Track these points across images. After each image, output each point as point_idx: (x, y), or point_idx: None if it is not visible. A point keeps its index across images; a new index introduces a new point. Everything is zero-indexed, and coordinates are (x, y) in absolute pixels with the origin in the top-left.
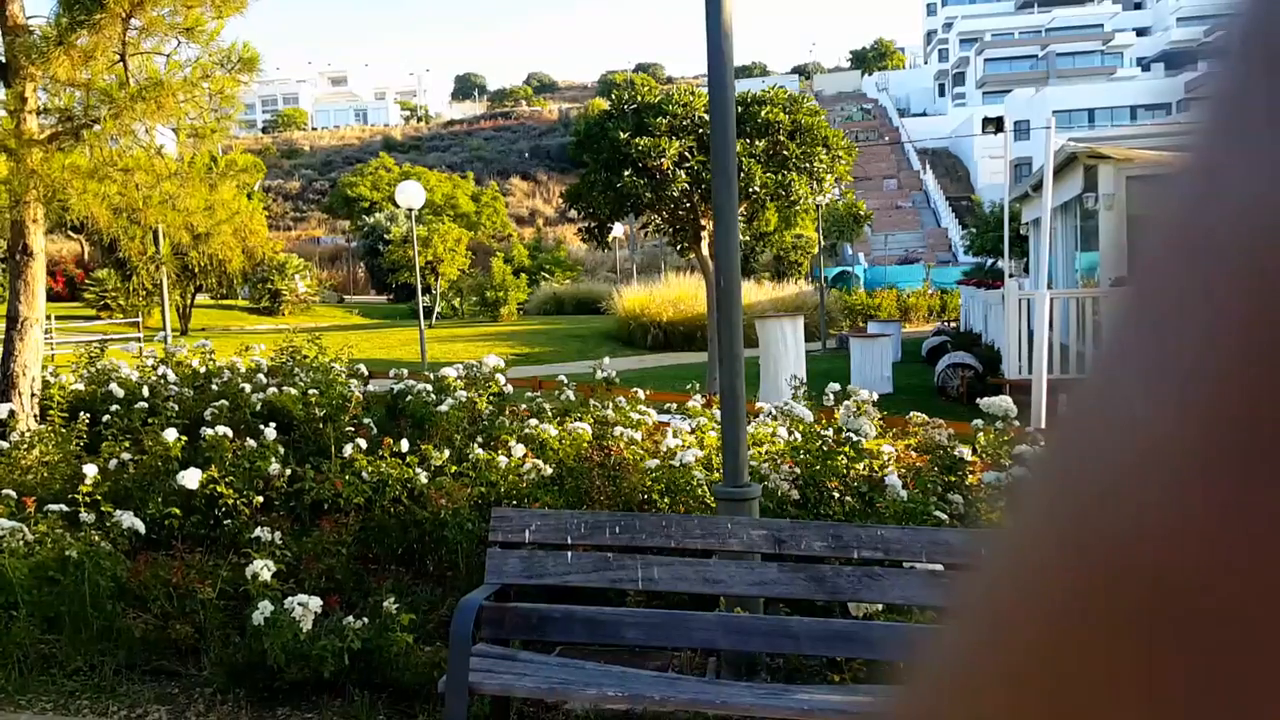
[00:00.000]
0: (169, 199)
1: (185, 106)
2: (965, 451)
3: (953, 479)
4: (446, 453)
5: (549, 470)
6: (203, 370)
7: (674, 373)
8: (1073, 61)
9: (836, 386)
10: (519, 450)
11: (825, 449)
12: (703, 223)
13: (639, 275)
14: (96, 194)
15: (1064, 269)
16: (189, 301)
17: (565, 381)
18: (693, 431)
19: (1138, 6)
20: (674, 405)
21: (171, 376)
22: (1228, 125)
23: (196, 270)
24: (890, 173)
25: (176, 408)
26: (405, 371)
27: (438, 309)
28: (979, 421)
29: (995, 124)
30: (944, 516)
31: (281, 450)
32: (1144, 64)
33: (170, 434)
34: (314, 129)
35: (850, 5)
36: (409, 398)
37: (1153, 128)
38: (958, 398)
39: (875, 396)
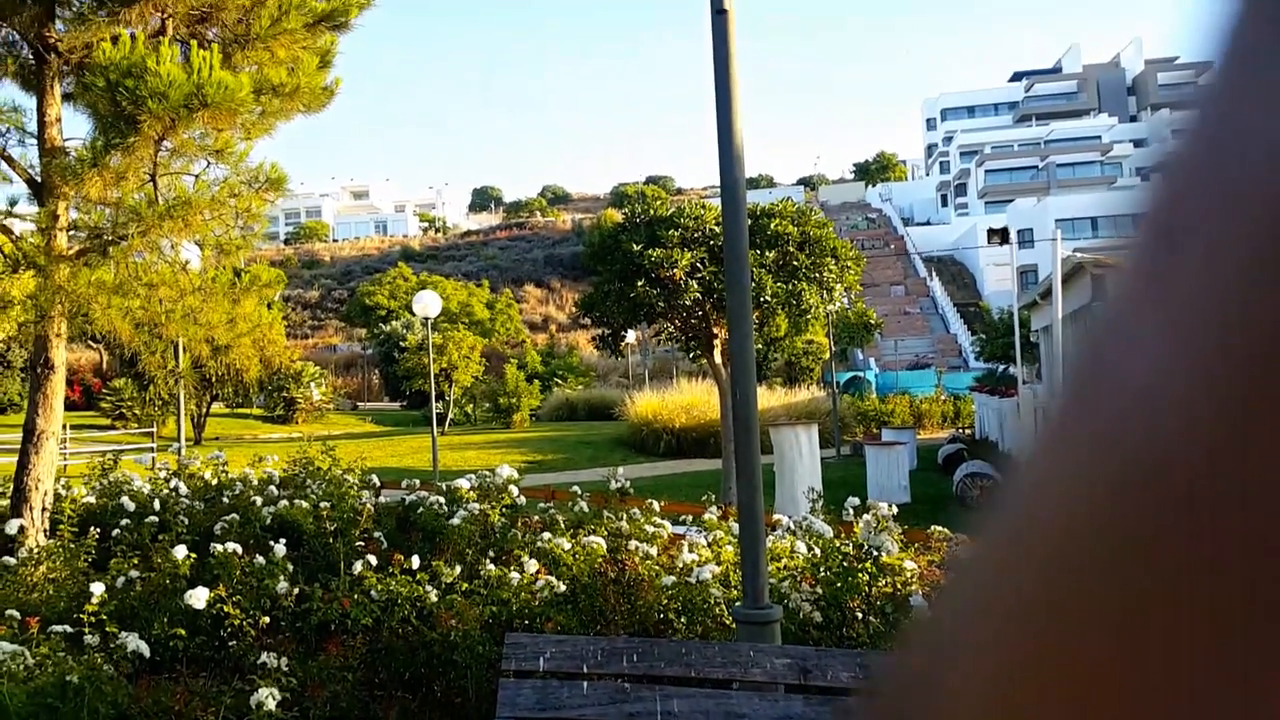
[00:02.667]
0: (191, 313)
1: (212, 224)
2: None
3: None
4: (458, 569)
5: (562, 587)
6: (215, 482)
7: (688, 480)
8: (1073, 171)
9: (856, 500)
10: (532, 566)
11: (846, 566)
12: (715, 330)
13: (651, 381)
14: (120, 309)
15: None
16: (204, 410)
17: (579, 492)
18: (709, 545)
19: (1133, 119)
20: (689, 517)
21: (184, 489)
22: (1240, 68)
23: (213, 380)
24: (897, 279)
25: (187, 521)
26: (417, 482)
27: (451, 415)
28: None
29: (1000, 235)
30: None
31: (290, 568)
32: (1143, 173)
33: (180, 551)
34: (335, 240)
35: (852, 120)
36: (420, 510)
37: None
38: (978, 507)
39: (894, 509)
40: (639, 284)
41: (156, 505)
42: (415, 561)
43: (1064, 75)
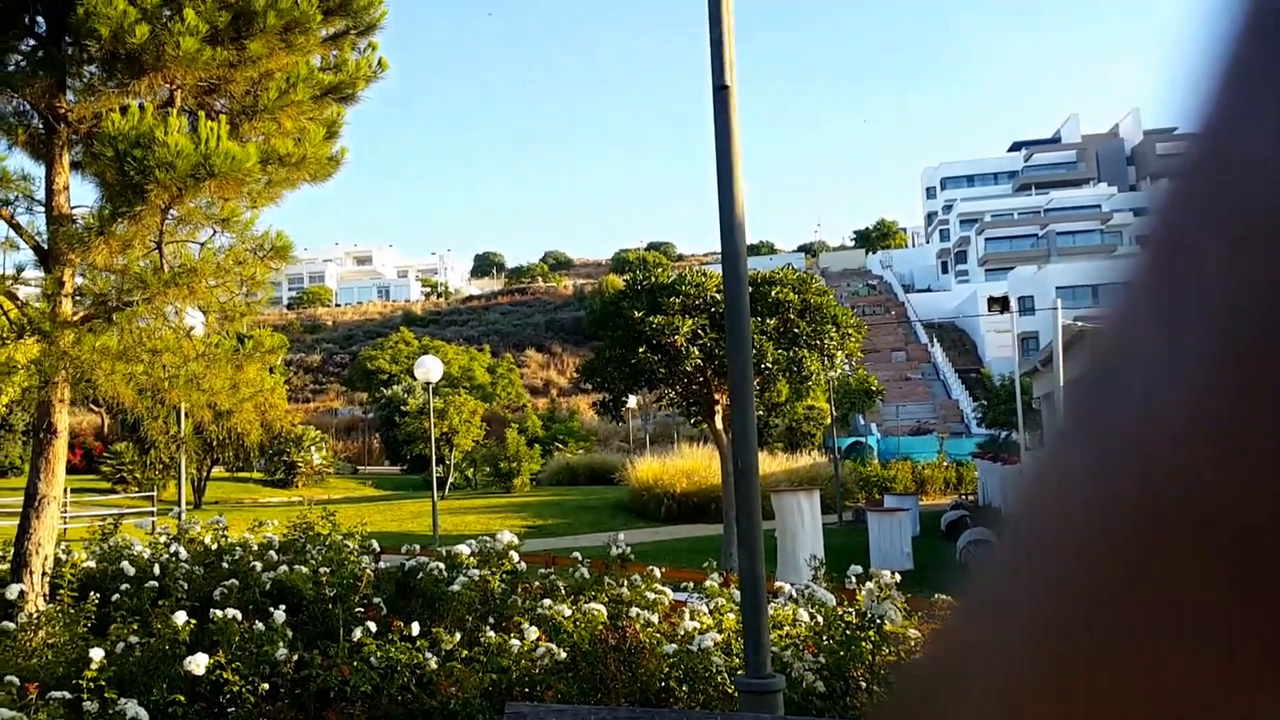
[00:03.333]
0: (194, 379)
1: (217, 291)
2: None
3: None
4: (458, 635)
5: (563, 655)
6: (215, 547)
7: (689, 545)
8: (1073, 240)
9: (859, 568)
10: (532, 633)
11: (849, 634)
12: (716, 397)
13: (652, 445)
14: (124, 374)
15: None
16: (205, 474)
17: (579, 558)
18: (711, 613)
19: (1133, 189)
20: (691, 584)
21: (183, 554)
22: (1237, 92)
23: (214, 444)
24: (898, 345)
25: (186, 587)
26: (417, 547)
27: (451, 479)
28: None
29: (1001, 303)
30: None
31: (290, 634)
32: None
33: (180, 617)
34: (338, 305)
35: (853, 188)
36: (420, 575)
37: None
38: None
39: (897, 577)
40: (640, 350)
41: (156, 570)
42: (415, 628)
43: (1063, 145)
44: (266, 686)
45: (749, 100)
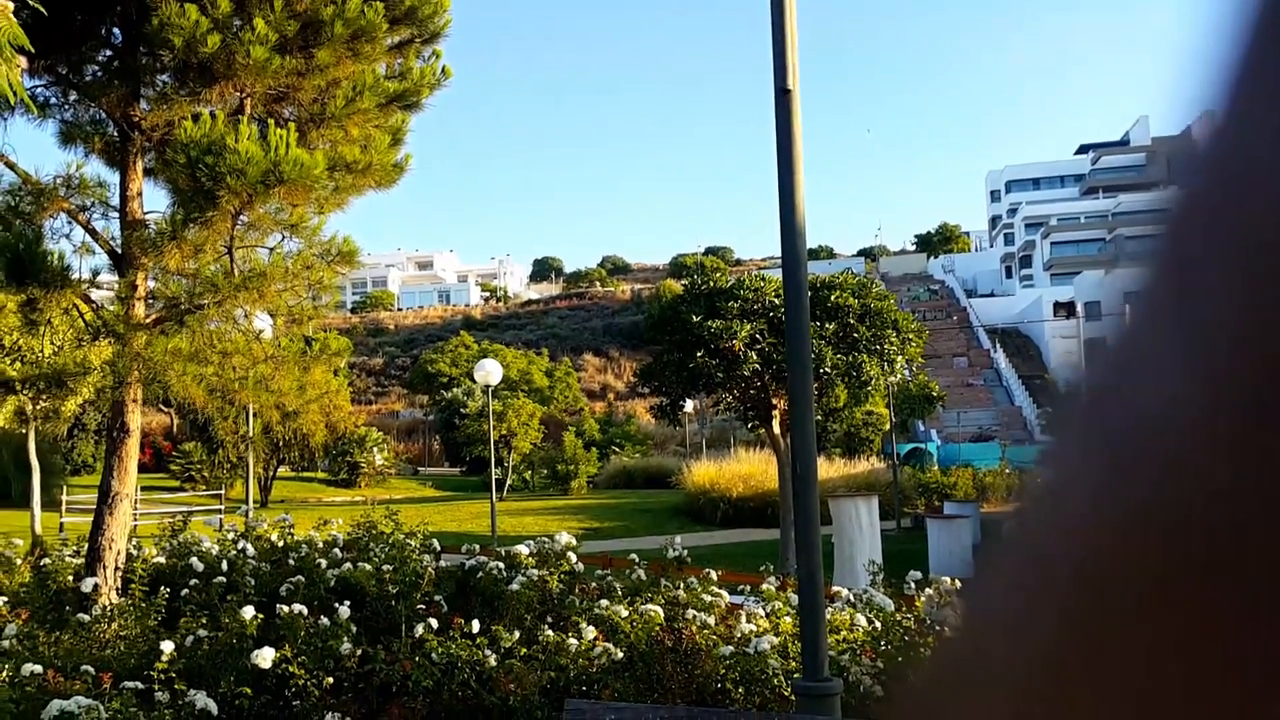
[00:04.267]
0: (263, 380)
1: (285, 295)
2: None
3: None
4: (516, 634)
5: (620, 655)
6: (281, 544)
7: (745, 550)
8: (1142, 245)
9: (918, 575)
10: (590, 633)
11: (907, 640)
12: (774, 401)
13: (708, 449)
14: (195, 375)
15: None
16: (271, 473)
17: (637, 560)
18: (768, 616)
19: None
20: (747, 587)
21: (250, 550)
22: (1245, 103)
23: (281, 444)
24: (960, 351)
25: (254, 582)
26: (477, 547)
27: (510, 481)
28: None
29: (1066, 308)
30: None
31: (354, 629)
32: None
33: (248, 611)
34: (399, 309)
35: (914, 192)
36: (480, 575)
37: None
38: None
39: (958, 584)
40: (698, 355)
41: (224, 566)
42: (475, 625)
43: (1132, 148)
44: (331, 680)
45: (809, 102)
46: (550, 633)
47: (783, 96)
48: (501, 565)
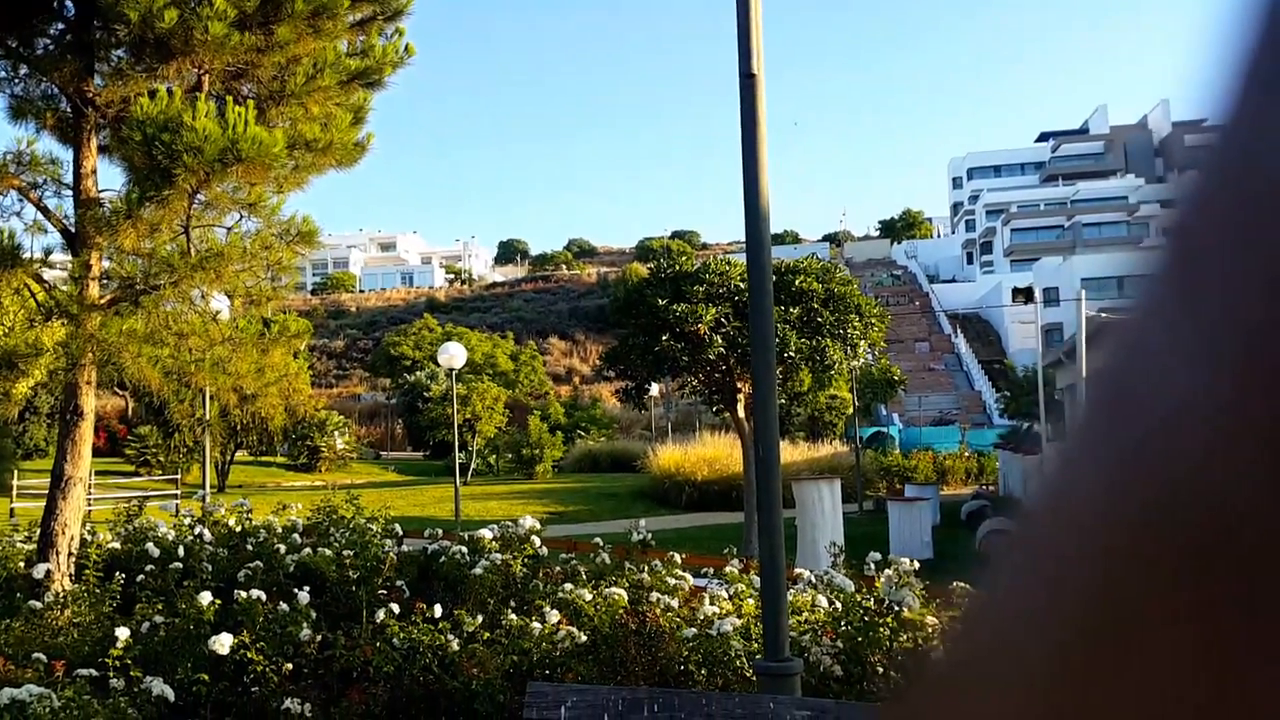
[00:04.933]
0: (220, 362)
1: (243, 275)
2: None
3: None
4: (479, 618)
5: (584, 638)
6: (239, 529)
7: (710, 532)
8: (1099, 231)
9: (878, 556)
10: (553, 616)
11: (867, 620)
12: (739, 385)
13: (673, 433)
14: (150, 357)
15: None
16: (228, 458)
17: (601, 544)
18: (731, 598)
19: (1160, 180)
20: (711, 570)
21: (208, 536)
22: (1255, 97)
23: (238, 428)
24: (922, 336)
25: (210, 568)
26: (440, 531)
27: (474, 466)
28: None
29: (1025, 294)
30: None
31: (313, 615)
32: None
33: (205, 597)
34: (361, 291)
35: (878, 178)
36: (443, 559)
37: None
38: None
39: (916, 565)
40: (664, 338)
41: (180, 552)
42: (438, 610)
43: (1091, 136)
44: (290, 666)
45: (773, 87)
46: (514, 617)
47: (747, 80)
48: (465, 550)
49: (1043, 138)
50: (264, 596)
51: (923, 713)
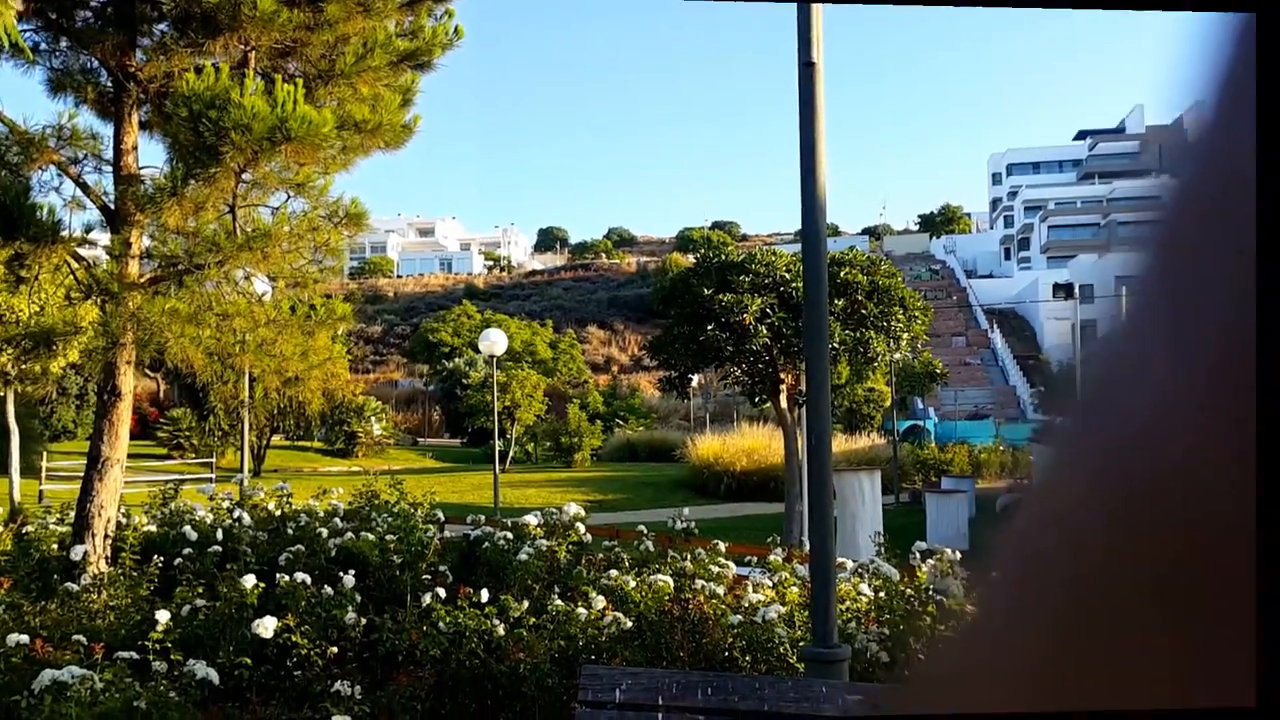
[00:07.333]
0: (265, 344)
1: (290, 256)
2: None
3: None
4: (525, 603)
5: (629, 624)
6: (279, 513)
7: (748, 522)
8: (1137, 233)
9: (923, 545)
10: (599, 602)
11: (909, 609)
12: (781, 376)
13: (711, 424)
14: (193, 338)
15: None
16: (265, 442)
17: (644, 531)
18: (774, 586)
19: None
20: (753, 559)
21: (247, 519)
22: (1232, 114)
23: (276, 411)
24: (958, 330)
25: (251, 552)
26: (482, 517)
27: (512, 453)
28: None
29: (1064, 290)
30: None
31: (358, 598)
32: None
33: (248, 580)
34: (399, 276)
35: (918, 173)
36: (486, 545)
37: None
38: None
39: (958, 555)
40: (709, 327)
41: (219, 535)
42: (484, 595)
43: (1127, 135)
44: (334, 650)
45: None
46: (559, 602)
47: (806, 69)
48: (509, 535)
49: (1080, 135)
50: (308, 580)
51: (928, 697)
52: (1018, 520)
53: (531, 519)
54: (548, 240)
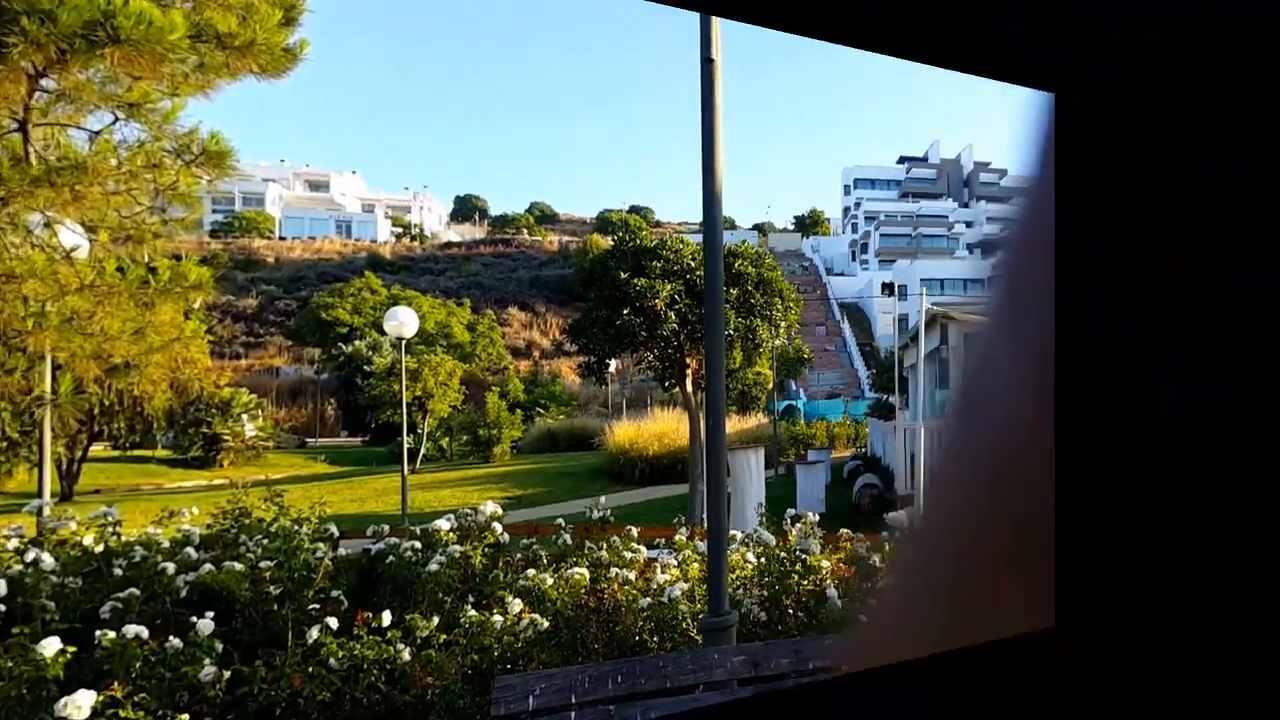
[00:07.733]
0: (74, 319)
1: (115, 200)
2: (877, 559)
3: (871, 585)
4: (435, 619)
5: (545, 624)
6: (100, 549)
7: (662, 505)
8: (932, 241)
9: (793, 511)
10: (515, 606)
11: (783, 570)
12: (687, 361)
13: (628, 409)
14: None
15: (931, 404)
16: (80, 454)
17: (562, 525)
18: (679, 565)
19: (964, 205)
20: (662, 540)
21: (48, 562)
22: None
23: (98, 412)
24: (820, 320)
25: (55, 606)
26: (386, 528)
27: (424, 450)
28: (886, 532)
29: (889, 288)
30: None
31: (219, 647)
32: (970, 248)
33: (50, 645)
34: (282, 238)
35: (797, 177)
36: (390, 559)
37: (975, 298)
38: (869, 513)
39: (817, 517)
40: (625, 312)
41: (2, 588)
42: (386, 618)
43: (929, 164)
44: (186, 717)
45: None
46: (473, 612)
47: (706, 65)
48: (418, 545)
49: (901, 160)
50: (144, 633)
51: (858, 648)
52: (921, 498)
53: (444, 524)
54: (465, 210)
